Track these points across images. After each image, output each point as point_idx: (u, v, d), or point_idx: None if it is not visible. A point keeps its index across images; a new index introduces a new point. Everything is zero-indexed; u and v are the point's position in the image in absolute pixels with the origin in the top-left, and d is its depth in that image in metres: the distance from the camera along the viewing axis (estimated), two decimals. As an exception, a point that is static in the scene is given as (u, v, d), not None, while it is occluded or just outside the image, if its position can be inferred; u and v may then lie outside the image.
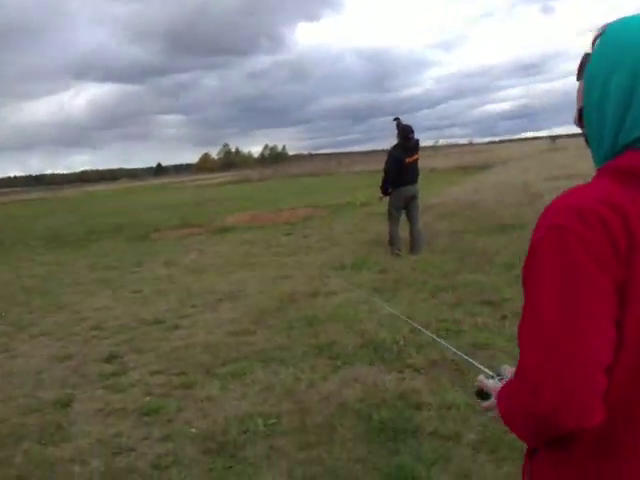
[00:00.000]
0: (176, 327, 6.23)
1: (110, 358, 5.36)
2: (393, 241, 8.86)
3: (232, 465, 3.36)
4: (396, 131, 8.72)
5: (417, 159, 8.83)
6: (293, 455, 3.43)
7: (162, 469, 3.39)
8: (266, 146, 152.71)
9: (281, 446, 3.54)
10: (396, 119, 8.84)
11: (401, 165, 8.61)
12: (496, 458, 3.27)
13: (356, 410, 3.90)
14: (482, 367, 1.47)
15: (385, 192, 8.93)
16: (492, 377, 1.34)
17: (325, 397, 4.14)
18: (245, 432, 3.72)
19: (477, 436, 3.51)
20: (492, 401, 1.27)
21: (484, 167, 30.23)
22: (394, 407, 3.89)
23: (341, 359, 4.77)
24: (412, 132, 8.70)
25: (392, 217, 8.88)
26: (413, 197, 8.88)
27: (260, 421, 3.83)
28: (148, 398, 4.38)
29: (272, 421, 3.84)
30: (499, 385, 1.25)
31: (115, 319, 6.76)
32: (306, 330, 5.57)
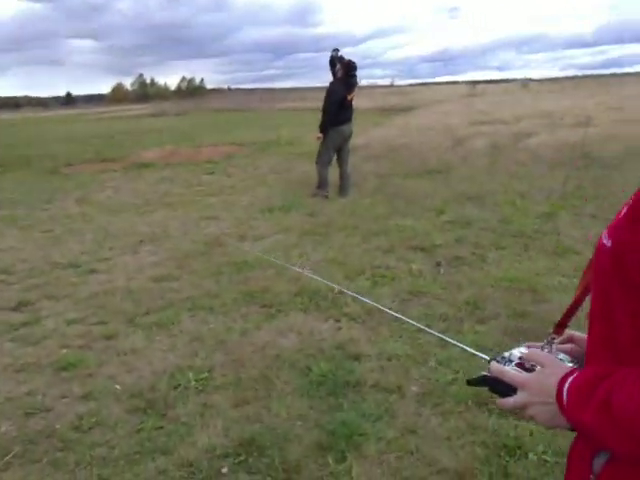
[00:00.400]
0: (93, 271, 5.78)
1: (19, 306, 4.90)
2: (323, 184, 8.57)
3: (162, 425, 3.11)
4: (331, 66, 8.30)
5: (353, 97, 8.50)
6: (228, 412, 3.21)
7: (84, 431, 3.09)
8: (183, 78, 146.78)
9: (215, 403, 3.31)
10: (335, 50, 8.39)
11: (343, 102, 8.25)
12: (441, 411, 3.18)
13: (293, 362, 3.71)
14: (474, 351, 1.24)
15: (324, 131, 8.47)
16: (499, 362, 1.11)
17: (260, 348, 3.92)
18: (175, 388, 3.46)
19: (420, 389, 3.41)
20: (523, 397, 1.03)
21: (406, 109, 30.21)
22: (333, 358, 3.73)
23: (275, 307, 4.55)
24: (356, 69, 8.31)
25: (324, 159, 8.52)
26: (349, 137, 8.59)
27: (191, 375, 3.57)
28: (65, 351, 4.01)
29: (204, 375, 3.59)
30: (536, 376, 1.02)
31: (24, 262, 6.21)
32: (235, 276, 5.29)
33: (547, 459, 2.77)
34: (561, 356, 1.13)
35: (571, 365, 1.07)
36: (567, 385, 0.96)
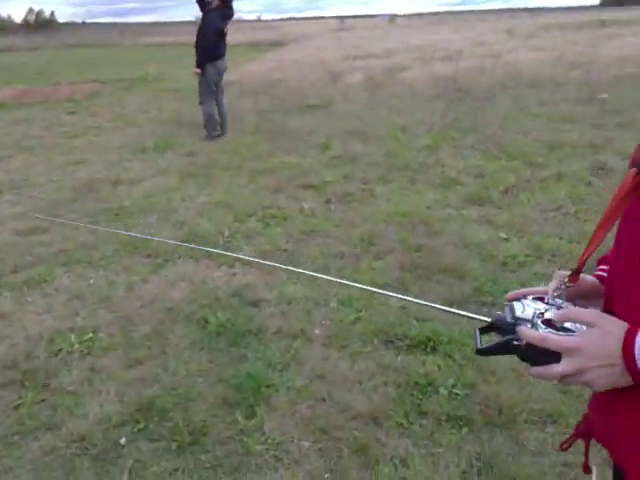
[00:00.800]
0: (-56, 227, 5.09)
1: None
2: (211, 122, 7.94)
3: (45, 397, 2.76)
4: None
5: (227, 30, 7.96)
6: (120, 376, 2.91)
7: (-51, 413, 2.68)
8: (30, 10, 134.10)
9: (104, 366, 2.99)
10: None
11: (221, 35, 7.68)
12: (349, 353, 3.07)
13: (187, 314, 3.44)
14: (476, 315, 1.08)
15: (201, 66, 7.82)
16: (519, 324, 0.95)
17: (149, 302, 3.61)
18: (56, 354, 3.09)
19: (324, 331, 3.29)
20: (575, 362, 0.89)
21: (277, 44, 29.52)
22: (230, 307, 3.50)
23: (161, 256, 4.21)
24: None
25: (207, 97, 7.87)
26: (224, 73, 8.09)
27: (73, 338, 3.21)
28: None
29: (88, 336, 3.24)
30: (590, 338, 0.88)
31: None
32: (113, 224, 4.85)
33: (457, 392, 2.75)
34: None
35: None
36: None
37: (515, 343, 0.94)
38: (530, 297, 1.07)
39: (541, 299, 1.07)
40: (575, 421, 2.48)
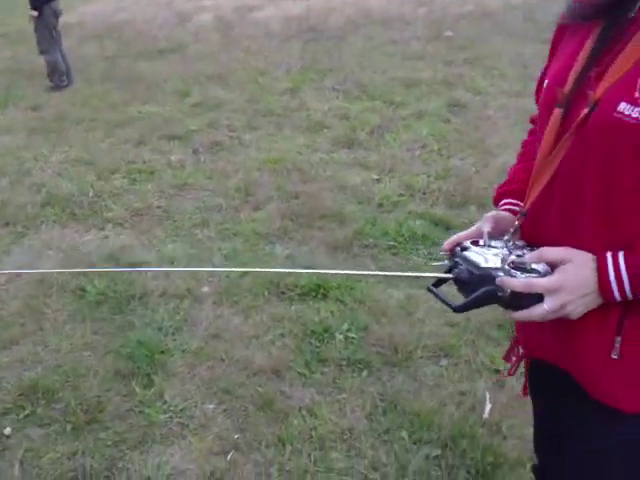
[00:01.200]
0: None
1: None
2: (57, 72, 7.16)
3: None
4: None
5: None
6: (-6, 359, 2.67)
7: None
8: None
9: (-26, 351, 2.72)
10: None
11: None
12: (241, 309, 3.03)
13: (62, 284, 3.20)
14: (437, 274, 1.09)
15: (38, 8, 6.92)
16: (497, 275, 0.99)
17: (13, 276, 3.31)
18: None
19: (212, 289, 3.21)
20: (558, 299, 0.97)
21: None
22: (106, 273, 3.29)
23: (21, 224, 3.84)
24: None
25: (47, 43, 7.05)
26: (60, 15, 7.35)
27: None
28: None
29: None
30: (567, 274, 0.97)
31: None
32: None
33: (353, 336, 2.82)
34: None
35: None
36: (614, 273, 0.96)
37: (500, 294, 0.97)
38: (468, 242, 1.10)
39: (476, 242, 1.10)
40: (465, 352, 2.64)
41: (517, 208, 1.24)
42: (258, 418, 2.38)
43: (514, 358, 1.27)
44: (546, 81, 1.13)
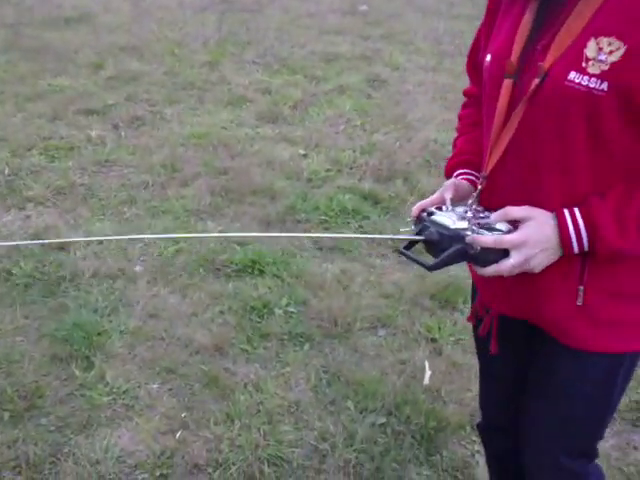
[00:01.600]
0: None
1: None
2: None
3: None
4: None
5: None
6: None
7: None
8: None
9: None
10: None
11: None
12: (178, 287, 3.01)
13: (-16, 268, 3.05)
14: (410, 236, 1.13)
15: None
16: (454, 235, 1.09)
17: None
18: None
19: (146, 267, 3.16)
20: (522, 253, 1.07)
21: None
22: (33, 254, 3.16)
23: None
24: None
25: None
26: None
27: None
28: None
29: None
30: (531, 230, 1.07)
31: None
32: None
33: (292, 310, 2.87)
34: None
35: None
36: (573, 226, 1.06)
37: (471, 251, 1.05)
38: (432, 208, 1.18)
39: (439, 209, 1.18)
40: (402, 322, 2.75)
41: (471, 177, 1.33)
42: (204, 396, 2.39)
43: (484, 319, 1.36)
44: (489, 55, 1.20)
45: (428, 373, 2.41)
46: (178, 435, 2.22)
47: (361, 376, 2.45)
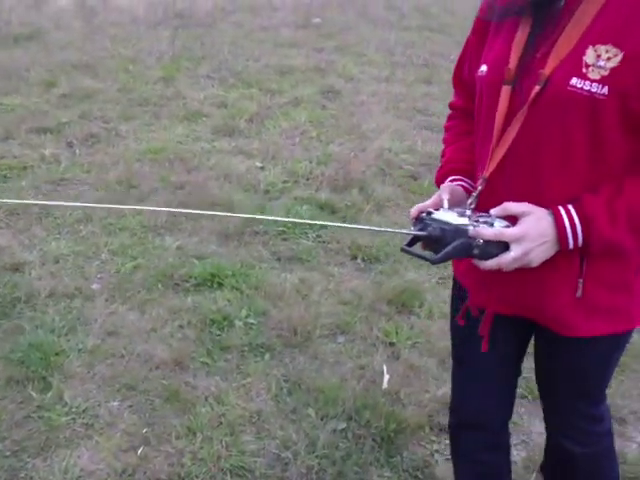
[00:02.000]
0: None
1: None
2: None
3: None
4: None
5: None
6: None
7: None
8: None
9: None
10: None
11: None
12: (136, 304, 2.99)
13: None
14: (414, 232, 1.21)
15: None
16: (456, 230, 1.14)
17: None
18: None
19: (102, 285, 3.13)
20: (522, 247, 1.12)
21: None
22: (-15, 276, 3.11)
23: None
24: None
25: None
26: None
27: None
28: None
29: None
30: (529, 224, 1.13)
31: None
32: None
33: (252, 322, 2.88)
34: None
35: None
36: (569, 222, 1.13)
37: (474, 244, 1.10)
38: (431, 210, 1.24)
39: (437, 210, 1.24)
40: (360, 328, 2.79)
41: (464, 184, 1.38)
42: (165, 410, 2.38)
43: (482, 319, 1.40)
44: (484, 65, 1.26)
45: (386, 377, 2.46)
46: (140, 451, 2.21)
47: (321, 383, 2.48)
